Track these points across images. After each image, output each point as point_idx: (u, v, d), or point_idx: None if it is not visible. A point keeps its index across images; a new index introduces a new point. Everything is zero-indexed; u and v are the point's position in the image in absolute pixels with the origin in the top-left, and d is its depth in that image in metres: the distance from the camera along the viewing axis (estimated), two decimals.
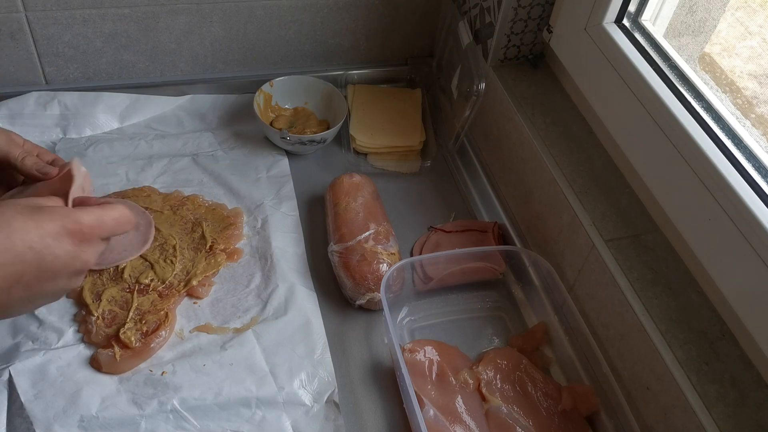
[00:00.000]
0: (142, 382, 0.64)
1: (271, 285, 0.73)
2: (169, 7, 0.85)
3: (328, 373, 0.67)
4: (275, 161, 0.88)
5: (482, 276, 0.78)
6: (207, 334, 0.69)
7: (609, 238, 0.68)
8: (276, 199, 0.83)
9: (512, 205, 0.85)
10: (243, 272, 0.75)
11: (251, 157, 0.88)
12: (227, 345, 0.68)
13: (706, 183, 0.60)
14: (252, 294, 0.73)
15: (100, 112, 0.88)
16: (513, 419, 0.65)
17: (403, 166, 0.91)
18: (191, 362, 0.66)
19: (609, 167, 0.75)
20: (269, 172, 0.87)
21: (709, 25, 0.74)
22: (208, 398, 0.63)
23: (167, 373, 0.65)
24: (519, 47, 0.85)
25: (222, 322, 0.70)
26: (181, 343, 0.68)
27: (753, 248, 0.55)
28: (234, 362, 0.66)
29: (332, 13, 0.93)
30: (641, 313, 0.62)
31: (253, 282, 0.74)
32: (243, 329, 0.69)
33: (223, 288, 0.73)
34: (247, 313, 0.71)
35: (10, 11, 0.79)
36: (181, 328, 0.69)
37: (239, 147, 0.89)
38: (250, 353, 0.67)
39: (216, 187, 0.84)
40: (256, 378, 0.65)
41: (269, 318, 0.71)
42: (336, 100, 0.92)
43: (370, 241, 0.74)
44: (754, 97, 0.68)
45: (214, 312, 0.71)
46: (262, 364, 0.66)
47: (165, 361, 0.66)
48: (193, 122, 0.92)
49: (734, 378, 0.58)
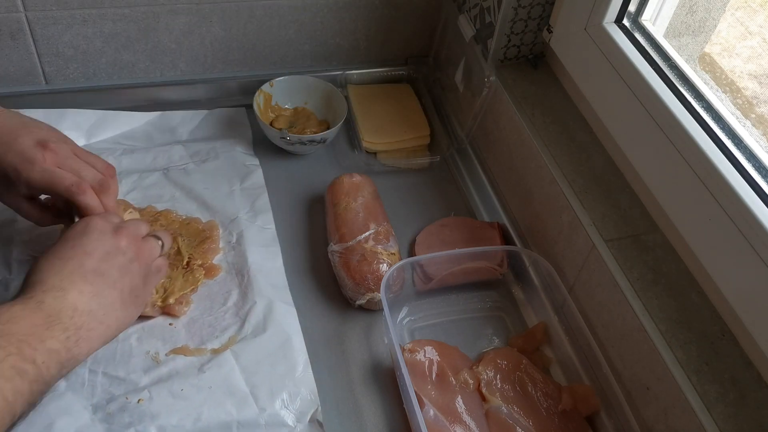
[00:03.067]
0: (117, 410, 0.61)
1: (249, 302, 0.71)
2: (168, 7, 0.85)
3: (311, 391, 0.64)
4: (249, 172, 0.85)
5: (482, 276, 0.78)
6: (184, 356, 0.66)
7: (609, 238, 0.68)
8: (251, 212, 0.80)
9: (512, 204, 0.85)
10: (219, 290, 0.72)
11: (224, 169, 0.85)
12: (205, 367, 0.65)
13: (707, 183, 0.60)
14: (229, 312, 0.70)
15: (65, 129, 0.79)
16: (513, 419, 0.65)
17: (413, 163, 0.92)
18: (168, 387, 0.63)
19: (609, 167, 0.75)
20: (243, 184, 0.84)
21: (709, 25, 0.74)
22: (187, 425, 0.61)
23: (143, 401, 0.62)
24: (519, 47, 0.85)
25: (199, 343, 0.67)
26: (157, 367, 0.65)
27: (753, 248, 0.55)
28: (213, 385, 0.64)
29: (332, 13, 0.93)
30: (641, 313, 0.62)
31: (230, 300, 0.71)
32: (221, 350, 0.67)
33: (198, 307, 0.71)
34: (225, 333, 0.68)
35: (10, 11, 0.79)
36: (156, 351, 0.66)
37: (212, 159, 0.86)
38: (229, 374, 0.65)
39: (188, 201, 0.80)
40: (236, 400, 0.63)
41: (248, 337, 0.68)
42: (336, 100, 0.92)
43: (370, 241, 0.74)
44: (754, 97, 0.68)
45: (191, 333, 0.68)
46: (242, 385, 0.64)
47: (141, 387, 0.63)
48: (163, 136, 0.88)
49: (734, 378, 0.58)
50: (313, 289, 0.76)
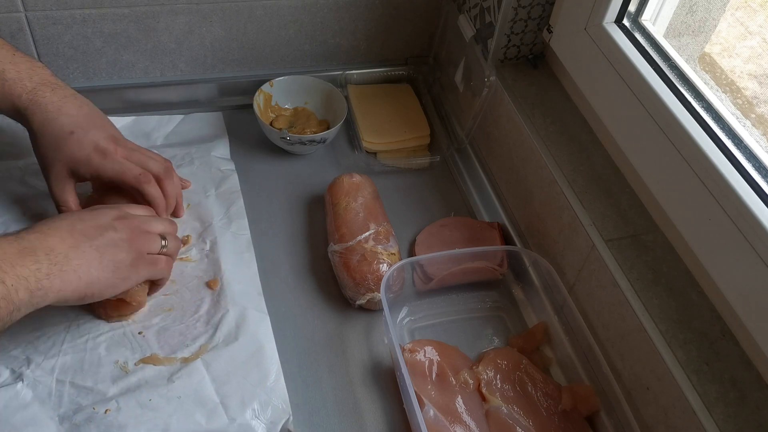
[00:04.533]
0: (84, 421, 0.60)
1: (221, 310, 0.70)
2: (168, 7, 0.85)
3: (282, 401, 0.63)
4: (224, 177, 0.84)
5: (482, 276, 0.78)
6: (153, 365, 0.65)
7: (609, 238, 0.68)
8: (225, 219, 0.79)
9: (512, 205, 0.85)
10: (191, 298, 0.71)
11: (199, 175, 0.83)
12: (175, 376, 0.64)
13: (706, 183, 0.60)
14: (201, 321, 0.69)
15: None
16: (513, 419, 0.65)
17: (413, 162, 0.92)
18: (137, 397, 0.62)
19: (609, 167, 0.75)
20: (218, 189, 0.82)
21: (709, 25, 0.74)
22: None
23: (111, 411, 0.61)
24: (519, 47, 0.85)
25: (169, 352, 0.66)
26: (126, 377, 0.63)
27: (753, 248, 0.55)
28: (182, 395, 0.62)
29: (332, 13, 0.93)
30: (641, 313, 0.62)
31: (202, 308, 0.70)
32: (191, 359, 0.65)
33: (170, 316, 0.69)
34: (196, 341, 0.67)
35: (10, 11, 0.79)
36: (125, 360, 0.65)
37: (186, 164, 0.84)
38: (200, 384, 0.63)
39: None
40: (206, 410, 0.62)
41: (219, 345, 0.67)
42: (336, 100, 0.92)
43: (370, 241, 0.74)
44: (754, 97, 0.68)
45: (161, 342, 0.67)
46: (212, 395, 0.63)
47: (109, 398, 0.62)
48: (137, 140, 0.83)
49: (734, 378, 0.58)
50: (313, 289, 0.76)
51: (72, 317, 0.67)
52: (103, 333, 0.67)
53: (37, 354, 0.64)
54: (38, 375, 0.63)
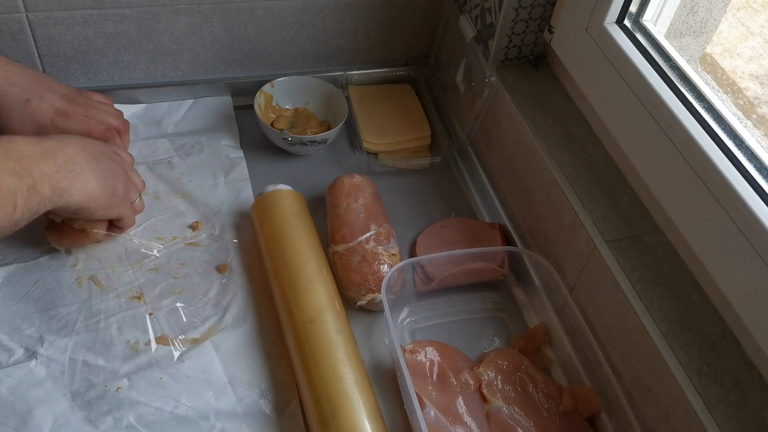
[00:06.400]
0: (96, 398, 0.62)
1: (230, 293, 0.72)
2: (169, 7, 0.85)
3: (289, 382, 0.65)
4: (233, 164, 0.86)
5: (483, 277, 0.78)
6: (163, 345, 0.67)
7: (610, 238, 0.68)
8: (235, 206, 0.81)
9: (513, 205, 0.85)
10: (200, 281, 0.73)
11: (208, 162, 0.86)
12: (185, 356, 0.66)
13: (708, 184, 0.60)
14: (210, 303, 0.71)
15: None
16: (514, 420, 0.65)
17: (414, 163, 0.92)
18: (147, 376, 0.64)
19: (610, 168, 0.75)
20: (227, 177, 0.85)
21: (710, 26, 0.74)
22: (165, 412, 0.62)
23: (122, 389, 0.63)
24: (520, 48, 0.85)
25: (179, 333, 0.68)
26: (137, 356, 0.66)
27: (755, 249, 0.55)
28: (192, 374, 0.65)
29: (333, 13, 0.93)
30: (642, 314, 0.62)
31: (211, 291, 0.72)
32: (201, 340, 0.68)
33: (180, 298, 0.71)
34: (205, 323, 0.69)
35: (11, 11, 0.79)
36: (136, 340, 0.67)
37: (196, 152, 0.87)
38: (209, 364, 0.66)
39: (172, 195, 0.81)
40: (215, 389, 0.64)
41: (228, 327, 0.69)
42: (337, 101, 0.92)
43: (371, 242, 0.74)
44: (755, 97, 0.68)
45: (171, 323, 0.69)
46: (221, 375, 0.65)
47: (120, 375, 0.64)
48: (148, 129, 0.88)
49: (736, 379, 0.58)
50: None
51: (84, 298, 0.70)
52: (114, 314, 0.69)
53: (50, 333, 0.67)
54: (51, 353, 0.65)
